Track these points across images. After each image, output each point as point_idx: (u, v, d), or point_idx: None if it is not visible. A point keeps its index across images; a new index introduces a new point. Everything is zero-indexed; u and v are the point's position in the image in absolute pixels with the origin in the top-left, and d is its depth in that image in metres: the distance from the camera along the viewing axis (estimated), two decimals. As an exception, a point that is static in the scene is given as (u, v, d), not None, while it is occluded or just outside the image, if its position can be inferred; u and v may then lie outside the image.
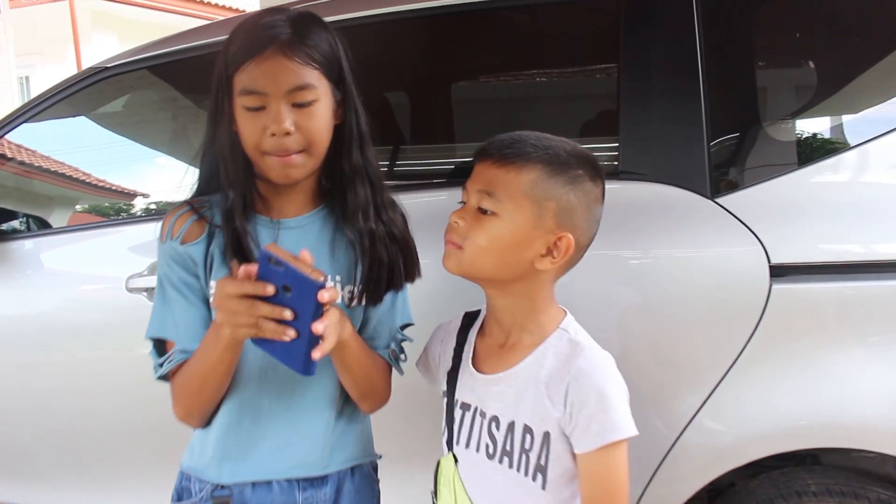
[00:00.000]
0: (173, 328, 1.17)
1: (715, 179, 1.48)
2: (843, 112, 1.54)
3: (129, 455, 1.92)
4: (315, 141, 1.12)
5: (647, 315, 1.51)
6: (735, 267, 1.45)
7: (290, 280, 0.94)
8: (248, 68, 1.08)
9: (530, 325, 1.13)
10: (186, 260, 1.17)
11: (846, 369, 1.43)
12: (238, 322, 0.99)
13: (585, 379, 1.05)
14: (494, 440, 1.12)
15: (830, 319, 1.43)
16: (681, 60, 1.51)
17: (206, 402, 1.17)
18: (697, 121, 1.48)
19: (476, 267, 1.09)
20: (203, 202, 1.20)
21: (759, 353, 1.44)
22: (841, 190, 1.46)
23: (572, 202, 1.08)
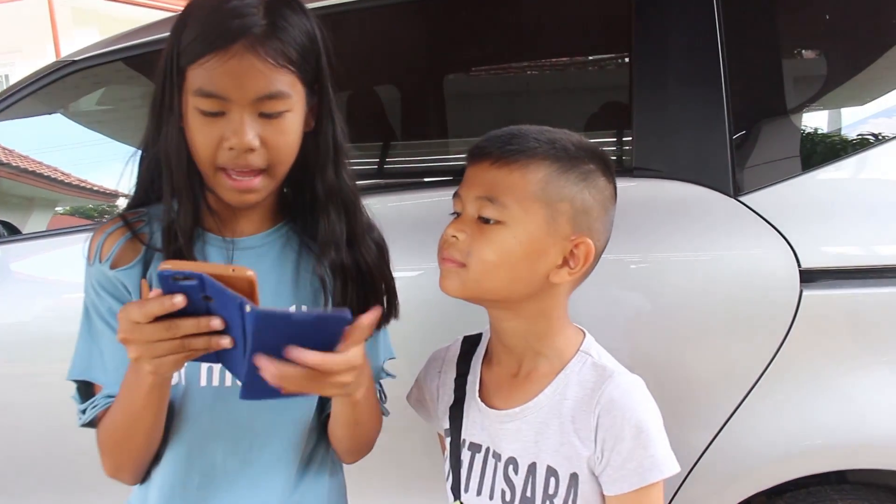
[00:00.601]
0: (100, 369, 0.97)
1: (738, 176, 1.32)
2: (881, 102, 1.38)
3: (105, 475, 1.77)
4: (281, 161, 0.92)
5: (663, 326, 1.37)
6: (761, 272, 1.32)
7: (211, 291, 0.75)
8: (207, 64, 0.85)
9: (546, 349, 0.97)
10: (118, 287, 0.96)
11: (883, 383, 1.29)
12: (158, 351, 0.77)
13: (618, 410, 0.89)
14: (512, 485, 0.95)
15: (867, 329, 1.28)
16: (700, 45, 1.36)
17: (135, 455, 0.96)
18: (719, 112, 1.34)
19: (483, 286, 0.92)
20: (140, 215, 0.99)
21: (789, 366, 1.31)
22: (878, 187, 1.32)
23: (587, 202, 0.92)
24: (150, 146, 0.96)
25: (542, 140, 0.92)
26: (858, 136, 1.36)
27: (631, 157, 1.40)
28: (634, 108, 1.39)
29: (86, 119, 2.33)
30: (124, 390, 0.90)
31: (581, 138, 0.96)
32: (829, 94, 1.44)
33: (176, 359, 0.78)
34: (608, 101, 1.91)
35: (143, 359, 0.78)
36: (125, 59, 1.93)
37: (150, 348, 0.77)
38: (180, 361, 0.79)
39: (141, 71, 2.09)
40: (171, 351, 0.77)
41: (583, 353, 0.95)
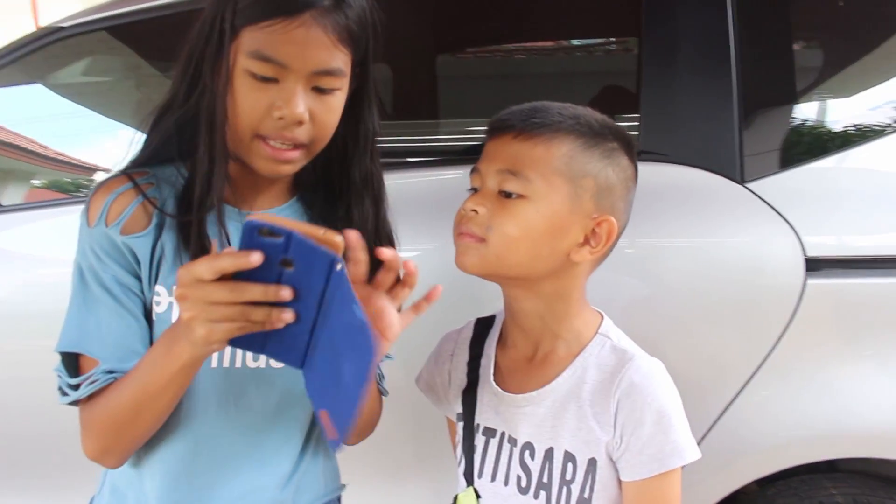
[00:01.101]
0: (97, 341, 0.89)
1: (746, 162, 1.30)
2: (890, 91, 1.37)
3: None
4: (322, 138, 0.90)
5: (666, 310, 1.34)
6: (767, 259, 1.30)
7: (296, 252, 0.69)
8: (270, 28, 0.83)
9: (564, 331, 0.94)
10: (124, 255, 0.90)
11: (881, 374, 1.28)
12: (214, 314, 0.71)
13: (639, 394, 0.87)
14: (528, 471, 0.92)
15: (870, 319, 1.28)
16: (710, 28, 1.33)
17: (136, 438, 0.89)
18: (728, 97, 1.31)
19: (504, 262, 0.88)
20: (147, 177, 0.93)
21: (790, 354, 1.30)
22: (886, 176, 1.31)
23: (611, 179, 0.90)
24: (177, 104, 0.91)
25: (565, 115, 0.90)
26: (867, 125, 1.34)
27: (638, 140, 1.36)
28: (643, 91, 1.36)
29: (67, 90, 2.23)
30: (146, 366, 0.84)
31: (604, 116, 0.93)
32: (840, 83, 1.42)
33: (230, 327, 0.72)
34: (607, 84, 1.88)
35: (198, 320, 0.72)
36: (114, 27, 1.85)
37: (207, 310, 0.71)
38: (233, 331, 0.73)
39: (127, 41, 2.01)
40: (229, 317, 0.71)
41: (601, 336, 0.93)
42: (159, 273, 0.91)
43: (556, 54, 1.91)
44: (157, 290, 0.91)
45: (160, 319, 0.91)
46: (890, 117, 1.33)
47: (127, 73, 2.24)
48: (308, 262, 0.69)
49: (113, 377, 0.88)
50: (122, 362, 0.88)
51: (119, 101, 2.26)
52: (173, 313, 0.91)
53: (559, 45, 1.90)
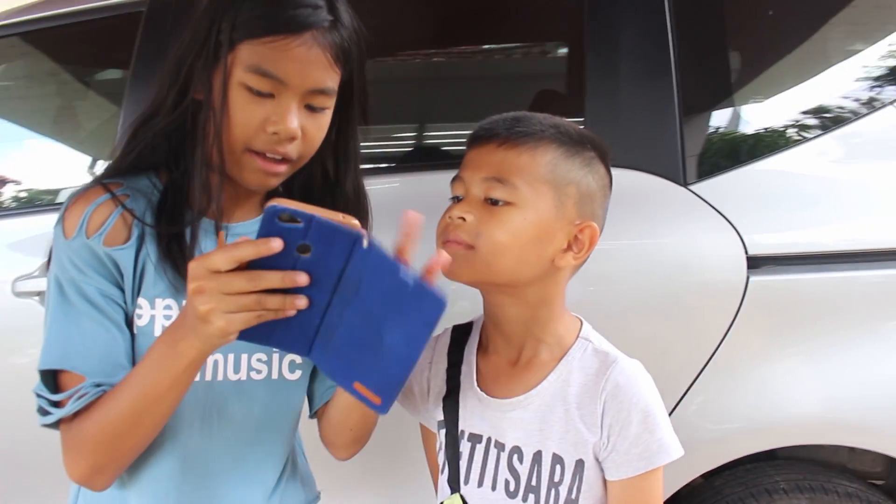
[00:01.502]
0: (82, 356, 0.86)
1: (688, 165, 1.34)
2: (824, 94, 1.43)
3: (16, 478, 1.60)
4: (309, 154, 0.91)
5: (614, 311, 1.37)
6: (711, 258, 1.34)
7: (315, 236, 0.68)
8: (272, 44, 0.83)
9: (547, 336, 0.94)
10: (108, 266, 0.88)
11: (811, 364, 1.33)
12: (235, 305, 0.69)
13: (625, 395, 0.88)
14: (517, 475, 0.92)
15: (807, 313, 1.34)
16: (650, 37, 1.37)
17: (132, 450, 0.86)
18: (669, 102, 1.36)
19: (492, 268, 0.88)
20: (122, 187, 0.91)
21: (734, 350, 1.35)
22: (822, 176, 1.37)
23: (591, 187, 0.92)
24: (163, 113, 0.90)
25: (546, 124, 0.91)
26: (803, 127, 1.40)
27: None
28: (587, 96, 1.38)
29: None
30: (147, 370, 0.81)
31: (578, 126, 0.96)
32: (775, 88, 1.47)
33: (248, 317, 0.71)
34: (542, 89, 1.89)
35: (216, 312, 0.70)
36: (24, 34, 1.75)
37: (224, 301, 0.70)
38: (251, 321, 0.71)
39: (41, 48, 1.91)
40: (246, 307, 0.70)
41: (583, 340, 0.94)
42: (142, 285, 0.90)
43: (488, 58, 1.91)
44: (140, 302, 0.90)
45: (141, 332, 0.90)
46: (821, 121, 1.39)
47: (42, 79, 2.12)
48: (328, 245, 0.69)
49: (102, 390, 0.85)
50: (108, 377, 0.85)
51: (39, 110, 2.13)
52: (155, 326, 0.90)
53: (490, 49, 1.90)
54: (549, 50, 1.84)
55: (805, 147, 1.35)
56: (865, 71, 1.42)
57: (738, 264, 1.31)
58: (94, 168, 2.03)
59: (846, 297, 1.32)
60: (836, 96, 1.41)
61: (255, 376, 0.96)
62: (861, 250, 1.31)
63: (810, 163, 1.35)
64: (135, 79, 1.56)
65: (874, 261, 1.30)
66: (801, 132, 1.38)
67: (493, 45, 1.81)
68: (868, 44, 1.44)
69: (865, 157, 1.35)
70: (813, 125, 1.39)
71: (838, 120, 1.36)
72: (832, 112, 1.39)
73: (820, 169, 1.36)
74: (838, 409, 1.33)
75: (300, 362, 0.99)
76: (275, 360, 0.97)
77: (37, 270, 1.50)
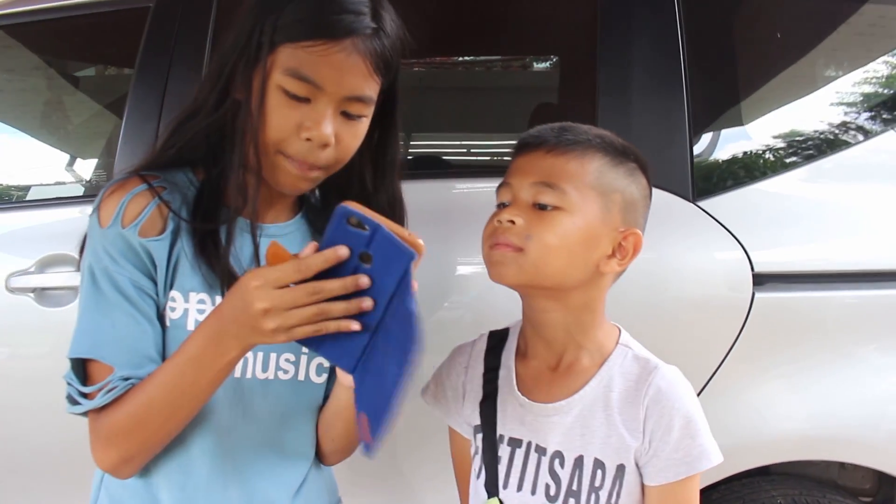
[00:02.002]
0: (112, 347, 0.86)
1: (697, 181, 1.35)
2: (830, 116, 1.47)
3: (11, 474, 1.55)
4: (343, 160, 0.91)
5: (620, 321, 1.35)
6: (718, 274, 1.36)
7: (378, 247, 0.68)
8: (312, 49, 0.83)
9: (588, 342, 0.96)
10: (142, 257, 0.88)
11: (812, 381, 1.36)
12: (293, 319, 0.72)
13: (667, 401, 0.90)
14: (558, 479, 0.93)
15: (810, 331, 1.37)
16: (663, 53, 1.39)
17: (162, 442, 0.88)
18: (680, 119, 1.38)
19: (541, 271, 0.89)
20: (160, 180, 0.91)
21: (738, 366, 1.36)
22: (828, 196, 1.40)
23: (635, 195, 0.94)
24: (205, 112, 0.91)
25: (592, 134, 0.94)
26: (809, 148, 1.43)
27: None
28: (599, 112, 1.39)
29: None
30: (186, 365, 0.82)
31: (621, 139, 0.98)
32: (784, 107, 1.50)
33: (307, 330, 0.73)
34: (541, 102, 1.91)
35: (280, 330, 0.73)
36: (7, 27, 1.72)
37: (288, 317, 0.72)
38: (310, 333, 0.73)
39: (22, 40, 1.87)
40: (307, 319, 0.72)
41: (623, 346, 0.96)
42: (175, 278, 0.90)
43: (497, 70, 1.92)
44: (173, 295, 0.90)
45: (174, 325, 0.90)
46: (827, 142, 1.42)
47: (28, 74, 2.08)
48: (386, 260, 0.69)
49: (130, 384, 0.85)
50: (137, 368, 0.86)
51: (24, 105, 2.09)
52: (189, 320, 0.90)
53: (500, 61, 1.91)
54: (560, 64, 1.85)
55: (809, 167, 1.38)
56: (872, 94, 1.46)
57: (744, 281, 1.33)
58: (73, 165, 1.99)
59: (850, 314, 1.35)
60: (844, 118, 1.45)
61: (282, 376, 0.96)
62: (866, 270, 1.34)
63: (816, 182, 1.38)
64: (140, 75, 1.53)
65: (878, 281, 1.33)
66: (806, 153, 1.41)
67: (503, 57, 1.83)
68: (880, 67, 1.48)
69: (872, 178, 1.38)
70: (815, 146, 1.42)
71: (843, 143, 1.39)
72: (839, 134, 1.42)
73: (826, 189, 1.40)
74: (838, 425, 1.35)
75: (328, 366, 0.99)
76: (303, 361, 0.98)
77: (32, 266, 1.46)
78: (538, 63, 1.94)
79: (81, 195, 1.84)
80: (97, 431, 0.87)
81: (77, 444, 1.53)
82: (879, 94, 1.46)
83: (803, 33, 1.48)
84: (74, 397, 0.87)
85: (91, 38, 1.92)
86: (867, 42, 1.48)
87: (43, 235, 1.52)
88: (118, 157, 1.50)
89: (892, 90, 1.46)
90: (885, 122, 1.41)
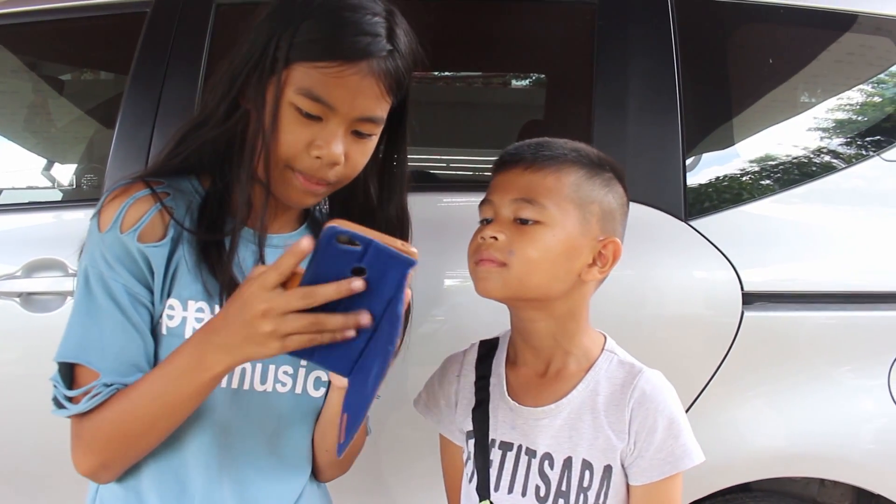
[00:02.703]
0: (98, 353, 0.86)
1: (689, 201, 1.38)
2: (821, 140, 1.52)
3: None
4: (350, 177, 0.92)
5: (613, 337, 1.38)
6: (708, 292, 1.39)
7: (372, 261, 0.69)
8: (326, 70, 0.83)
9: (574, 348, 1.00)
10: (138, 263, 0.87)
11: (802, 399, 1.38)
12: (291, 327, 0.71)
13: (651, 403, 0.94)
14: (547, 480, 0.96)
15: (795, 350, 1.40)
16: (658, 75, 1.42)
17: (142, 451, 0.88)
18: (674, 140, 1.42)
19: (525, 284, 0.93)
20: (163, 186, 0.91)
21: (726, 383, 1.39)
22: (817, 217, 1.44)
23: (612, 205, 0.98)
24: (213, 122, 0.90)
25: (567, 148, 0.98)
26: (798, 171, 1.46)
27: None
28: (595, 130, 1.42)
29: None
30: (168, 377, 0.82)
31: (598, 150, 1.02)
32: (776, 127, 1.54)
33: (302, 339, 0.72)
34: (530, 119, 1.93)
35: (275, 335, 0.72)
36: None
37: (284, 322, 0.71)
38: (304, 343, 0.72)
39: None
40: (304, 328, 0.71)
41: (608, 352, 1.00)
42: (173, 286, 0.90)
43: (490, 87, 1.94)
44: (171, 303, 0.90)
45: (172, 333, 0.90)
46: (815, 165, 1.46)
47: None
48: (382, 271, 0.70)
49: (114, 389, 0.85)
50: (123, 376, 0.86)
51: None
52: (186, 328, 0.90)
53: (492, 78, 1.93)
54: (556, 82, 1.87)
55: (798, 190, 1.42)
56: (862, 119, 1.50)
57: (734, 300, 1.35)
58: (50, 169, 1.96)
59: (837, 335, 1.39)
60: (837, 140, 1.48)
61: (280, 388, 0.96)
62: (854, 292, 1.38)
63: (806, 205, 1.41)
64: (134, 80, 1.51)
65: (866, 302, 1.37)
66: (795, 175, 1.44)
67: (497, 73, 1.84)
68: (872, 90, 1.52)
69: (861, 202, 1.42)
70: (804, 170, 1.46)
71: (830, 167, 1.43)
72: (828, 158, 1.46)
73: (816, 211, 1.43)
74: (833, 443, 1.38)
75: (325, 380, 1.00)
76: (301, 373, 0.97)
77: (19, 270, 1.43)
78: (533, 81, 1.96)
79: (60, 200, 1.82)
80: (79, 436, 0.86)
81: (61, 449, 1.50)
82: (869, 120, 1.50)
83: (796, 59, 1.52)
84: (60, 400, 0.87)
85: (78, 42, 1.90)
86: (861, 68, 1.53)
87: (30, 239, 1.49)
88: (110, 162, 1.48)
89: (878, 118, 1.50)
90: (872, 148, 1.45)
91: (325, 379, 0.99)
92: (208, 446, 0.91)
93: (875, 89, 1.52)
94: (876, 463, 1.41)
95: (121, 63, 1.61)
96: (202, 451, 0.91)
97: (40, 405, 1.39)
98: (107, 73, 2.21)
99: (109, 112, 1.60)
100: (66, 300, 1.40)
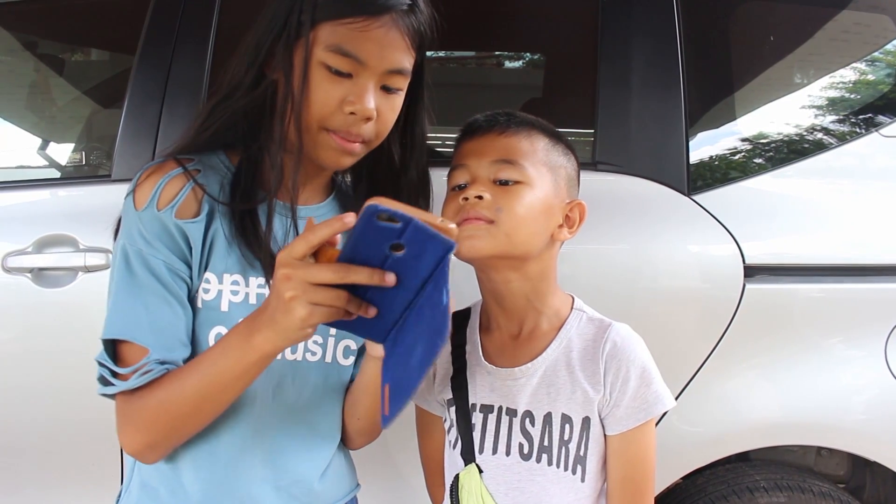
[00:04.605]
0: (147, 329, 0.86)
1: (692, 176, 1.39)
2: (823, 114, 1.54)
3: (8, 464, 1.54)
4: (382, 135, 0.93)
5: (616, 313, 1.38)
6: (710, 265, 1.41)
7: (410, 238, 0.68)
8: (352, 25, 0.86)
9: (546, 308, 1.04)
10: (177, 239, 0.89)
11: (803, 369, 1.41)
12: (318, 297, 0.70)
13: (623, 354, 0.98)
14: (530, 437, 1.00)
15: (798, 321, 1.42)
16: (661, 51, 1.45)
17: (190, 431, 0.88)
18: (677, 115, 1.44)
19: (512, 240, 0.96)
20: (194, 163, 0.93)
21: (726, 355, 1.41)
22: (818, 191, 1.47)
23: (572, 172, 1.05)
24: (241, 92, 0.91)
25: (531, 118, 1.04)
26: (799, 145, 1.48)
27: (594, 152, 1.42)
28: (599, 106, 1.44)
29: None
30: (216, 357, 0.82)
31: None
32: (778, 103, 1.57)
33: (328, 312, 0.72)
34: (531, 98, 1.93)
35: (299, 300, 0.71)
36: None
37: (309, 291, 0.70)
38: (331, 316, 0.72)
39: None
40: (329, 301, 0.71)
41: (577, 311, 1.05)
42: (210, 259, 0.91)
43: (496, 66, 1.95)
44: (207, 276, 0.91)
45: (207, 307, 0.92)
46: (817, 139, 1.48)
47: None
48: (421, 248, 0.70)
49: (166, 368, 0.86)
50: (169, 352, 0.88)
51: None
52: (222, 301, 0.92)
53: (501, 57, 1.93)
54: (563, 60, 1.87)
55: (799, 165, 1.44)
56: (864, 94, 1.51)
57: (736, 272, 1.37)
58: (45, 149, 1.95)
59: (835, 306, 1.41)
60: (835, 117, 1.50)
61: (310, 357, 0.98)
62: (853, 265, 1.41)
63: (806, 179, 1.44)
64: (143, 57, 1.51)
65: (864, 275, 1.40)
66: (796, 150, 1.46)
67: (501, 52, 1.84)
68: (875, 66, 1.54)
69: (862, 176, 1.44)
70: (805, 144, 1.48)
71: (829, 143, 1.45)
72: (830, 132, 1.48)
73: (818, 185, 1.45)
74: (829, 412, 1.40)
75: (355, 348, 1.02)
76: (330, 343, 1.00)
77: (30, 246, 1.43)
78: (536, 59, 1.96)
79: (60, 177, 1.82)
80: (126, 414, 0.87)
81: (75, 423, 1.49)
82: (871, 94, 1.52)
83: (797, 36, 1.54)
84: (107, 378, 0.87)
85: (78, 21, 1.89)
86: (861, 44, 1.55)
87: (41, 215, 1.49)
88: (119, 139, 1.48)
89: (877, 95, 1.52)
90: (874, 124, 1.47)
91: (354, 348, 1.02)
92: (241, 416, 0.93)
93: (869, 67, 1.54)
94: (871, 431, 1.44)
95: (128, 42, 1.60)
96: (235, 420, 0.92)
97: (53, 380, 1.40)
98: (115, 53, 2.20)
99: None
100: (77, 275, 1.41)
